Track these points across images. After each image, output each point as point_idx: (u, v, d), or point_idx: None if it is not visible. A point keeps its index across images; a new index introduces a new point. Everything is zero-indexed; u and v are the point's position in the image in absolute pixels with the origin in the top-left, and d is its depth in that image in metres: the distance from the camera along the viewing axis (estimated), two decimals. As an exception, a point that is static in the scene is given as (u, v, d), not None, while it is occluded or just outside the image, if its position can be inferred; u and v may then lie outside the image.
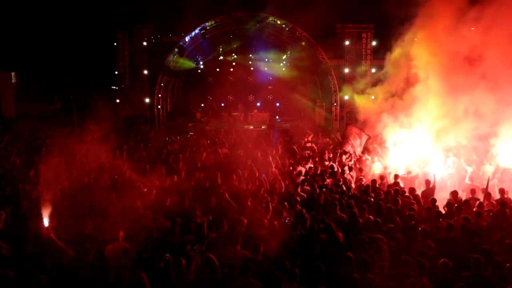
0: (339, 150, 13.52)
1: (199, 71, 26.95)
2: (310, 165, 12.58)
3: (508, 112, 11.57)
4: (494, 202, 9.00)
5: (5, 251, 6.58)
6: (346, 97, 22.50)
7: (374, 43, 22.31)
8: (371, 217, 7.80)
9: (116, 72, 22.22)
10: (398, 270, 5.86)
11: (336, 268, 5.86)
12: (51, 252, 6.45)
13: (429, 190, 10.05)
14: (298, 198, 8.86)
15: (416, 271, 5.55)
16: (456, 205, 8.51)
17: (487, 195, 9.22)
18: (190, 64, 25.12)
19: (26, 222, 7.45)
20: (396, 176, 10.93)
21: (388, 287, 5.57)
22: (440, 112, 12.45)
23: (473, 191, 9.64)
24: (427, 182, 10.33)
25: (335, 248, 6.43)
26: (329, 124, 22.97)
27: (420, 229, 6.99)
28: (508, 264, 5.63)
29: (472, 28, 12.02)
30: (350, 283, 5.47)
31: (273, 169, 11.56)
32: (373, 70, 22.59)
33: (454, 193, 9.43)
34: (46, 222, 7.01)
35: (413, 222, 7.56)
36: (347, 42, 22.30)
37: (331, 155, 13.71)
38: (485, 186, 10.02)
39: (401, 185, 10.51)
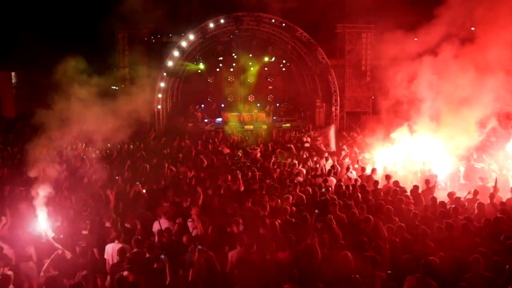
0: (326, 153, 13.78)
1: (199, 71, 26.94)
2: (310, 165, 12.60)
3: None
4: (497, 202, 8.98)
5: (6, 251, 6.58)
6: (346, 97, 22.55)
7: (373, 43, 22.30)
8: (371, 217, 7.78)
9: (116, 72, 22.20)
10: (399, 270, 5.86)
11: (337, 269, 5.86)
12: (49, 253, 6.45)
13: (429, 190, 10.04)
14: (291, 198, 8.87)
15: (421, 271, 5.55)
16: (453, 205, 8.51)
17: (491, 195, 9.18)
18: (194, 66, 25.39)
19: (24, 224, 7.44)
20: (388, 177, 10.92)
21: (388, 287, 5.57)
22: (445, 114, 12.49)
23: (475, 192, 9.61)
24: (427, 182, 10.31)
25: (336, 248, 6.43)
26: (329, 124, 22.93)
27: (421, 229, 6.99)
28: (507, 266, 5.62)
29: (473, 28, 12.05)
30: (350, 283, 5.46)
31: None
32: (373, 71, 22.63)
33: (450, 194, 9.41)
34: (42, 224, 6.99)
35: (415, 222, 7.56)
36: (347, 42, 22.29)
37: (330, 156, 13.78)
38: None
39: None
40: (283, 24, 21.30)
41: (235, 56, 26.45)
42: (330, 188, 9.89)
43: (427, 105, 12.96)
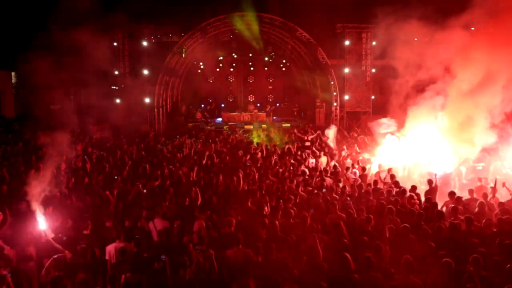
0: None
1: (199, 71, 26.93)
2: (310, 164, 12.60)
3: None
4: (494, 202, 8.98)
5: (6, 251, 6.58)
6: (346, 97, 22.55)
7: (374, 43, 22.28)
8: (371, 216, 7.78)
9: (116, 72, 22.19)
10: (399, 270, 5.86)
11: (337, 268, 5.86)
12: (49, 253, 6.45)
13: (432, 190, 10.03)
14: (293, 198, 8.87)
15: (404, 270, 5.57)
16: (452, 206, 8.50)
17: (485, 195, 9.17)
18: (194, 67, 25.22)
19: (24, 224, 7.43)
20: (392, 176, 10.91)
21: (388, 287, 5.57)
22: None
23: (471, 191, 9.62)
24: (430, 181, 10.29)
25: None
26: (329, 124, 22.93)
27: (422, 229, 7.00)
28: (508, 265, 5.62)
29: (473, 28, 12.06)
30: (350, 283, 5.46)
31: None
32: (373, 70, 22.62)
33: (451, 194, 9.41)
34: (42, 224, 6.98)
35: (420, 222, 7.57)
36: (347, 42, 22.29)
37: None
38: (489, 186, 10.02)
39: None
40: (283, 24, 21.29)
41: (235, 56, 26.44)
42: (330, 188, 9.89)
43: (427, 105, 12.96)
